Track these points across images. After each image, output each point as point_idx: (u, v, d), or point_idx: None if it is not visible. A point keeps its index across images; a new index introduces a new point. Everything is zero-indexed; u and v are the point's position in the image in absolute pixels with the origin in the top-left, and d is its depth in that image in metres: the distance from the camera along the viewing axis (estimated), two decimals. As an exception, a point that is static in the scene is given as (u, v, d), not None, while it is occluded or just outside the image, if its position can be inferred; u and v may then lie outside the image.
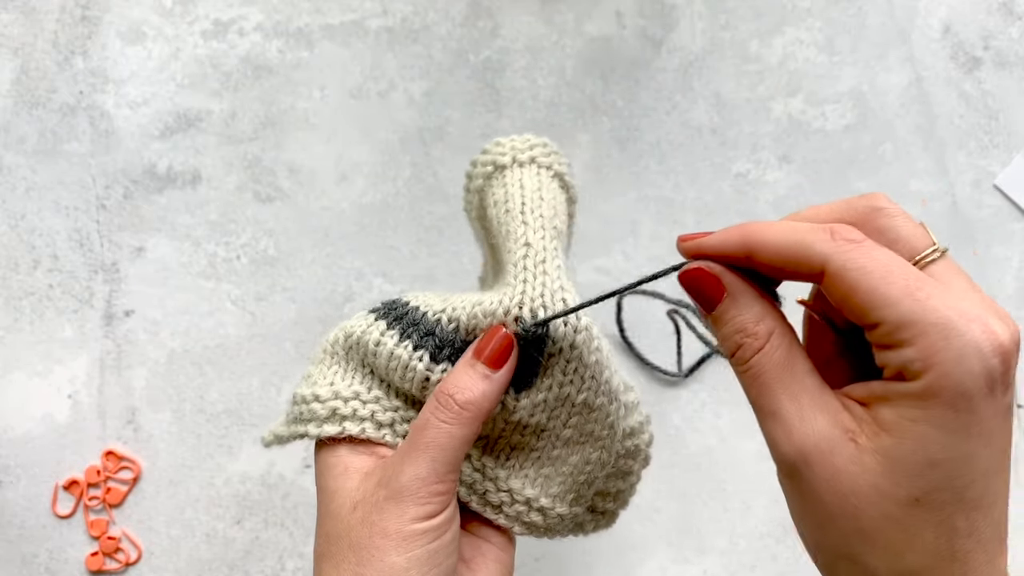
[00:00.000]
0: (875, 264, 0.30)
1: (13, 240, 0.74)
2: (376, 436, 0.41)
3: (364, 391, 0.42)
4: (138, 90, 0.76)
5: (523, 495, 0.42)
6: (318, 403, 0.41)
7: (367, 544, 0.36)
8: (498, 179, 0.45)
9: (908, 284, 0.30)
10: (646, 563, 0.72)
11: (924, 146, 0.77)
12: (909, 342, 0.29)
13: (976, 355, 0.29)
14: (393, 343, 0.41)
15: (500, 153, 0.46)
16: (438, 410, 0.38)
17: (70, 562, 0.72)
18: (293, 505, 0.72)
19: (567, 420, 0.41)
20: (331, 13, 0.78)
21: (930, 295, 0.29)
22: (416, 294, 0.43)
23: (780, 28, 0.78)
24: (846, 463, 0.30)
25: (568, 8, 0.78)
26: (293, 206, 0.75)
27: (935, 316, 0.29)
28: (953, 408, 0.29)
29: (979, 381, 0.29)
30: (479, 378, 0.38)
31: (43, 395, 0.73)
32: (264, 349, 0.74)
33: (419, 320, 0.41)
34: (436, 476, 0.36)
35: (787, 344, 0.33)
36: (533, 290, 0.39)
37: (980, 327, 0.29)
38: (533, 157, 0.45)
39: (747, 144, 0.77)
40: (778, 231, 0.33)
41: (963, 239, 0.76)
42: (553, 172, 0.46)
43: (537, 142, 0.46)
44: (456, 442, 0.37)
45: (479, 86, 0.77)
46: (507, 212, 0.43)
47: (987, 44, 0.79)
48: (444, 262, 0.75)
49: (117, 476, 0.72)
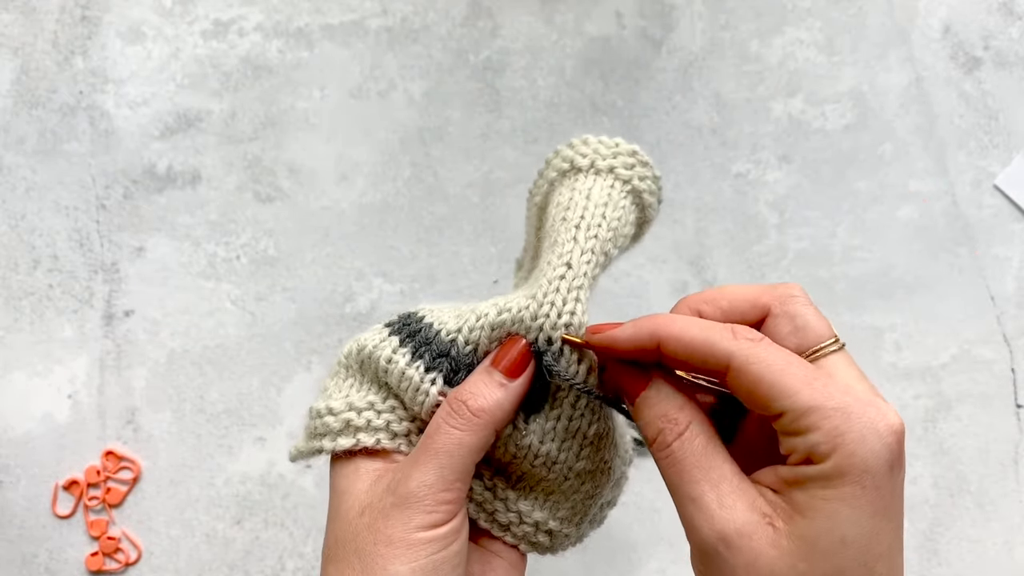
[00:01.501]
0: (774, 358, 0.33)
1: (13, 240, 0.74)
2: (391, 446, 0.39)
3: (379, 401, 0.40)
4: (138, 90, 0.76)
5: (532, 518, 0.41)
6: (331, 416, 0.40)
7: (371, 551, 0.35)
8: (569, 180, 0.42)
9: (806, 375, 0.33)
10: (646, 563, 0.72)
11: (924, 146, 0.77)
12: (814, 426, 0.32)
13: (875, 435, 0.31)
14: (405, 362, 0.39)
15: (581, 154, 0.42)
16: (450, 416, 0.37)
17: (70, 562, 0.72)
18: (293, 505, 0.72)
19: (579, 452, 0.40)
20: (331, 13, 0.78)
21: (826, 384, 0.33)
22: (431, 308, 0.41)
23: (780, 28, 0.78)
24: (765, 547, 0.32)
25: (568, 8, 0.78)
26: (293, 206, 0.75)
27: (834, 402, 0.32)
28: (860, 485, 0.31)
29: (880, 458, 0.31)
30: (495, 386, 0.37)
31: (43, 395, 0.73)
32: (264, 349, 0.74)
33: (432, 339, 0.39)
34: (444, 484, 0.36)
35: (706, 433, 0.35)
36: (558, 317, 0.38)
37: (874, 411, 0.32)
38: (613, 167, 0.42)
39: (747, 144, 0.77)
40: (684, 327, 0.35)
41: (963, 239, 0.76)
42: (630, 187, 0.42)
43: (624, 150, 0.42)
44: (466, 450, 0.36)
45: (479, 86, 0.77)
46: (563, 220, 0.40)
47: (987, 44, 0.79)
48: (444, 262, 0.75)
49: (117, 476, 0.72)
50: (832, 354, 0.35)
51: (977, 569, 0.73)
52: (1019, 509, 0.73)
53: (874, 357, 0.74)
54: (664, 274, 0.75)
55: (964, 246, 0.76)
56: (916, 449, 0.73)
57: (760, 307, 0.36)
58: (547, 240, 0.41)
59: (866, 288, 0.75)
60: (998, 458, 0.74)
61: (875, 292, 0.75)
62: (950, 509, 0.73)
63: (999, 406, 0.74)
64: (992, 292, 0.75)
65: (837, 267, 0.75)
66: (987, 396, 0.74)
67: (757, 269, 0.75)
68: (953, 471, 0.74)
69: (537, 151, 0.76)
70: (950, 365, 0.75)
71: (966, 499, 0.73)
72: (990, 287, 0.75)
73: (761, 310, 0.36)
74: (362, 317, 0.74)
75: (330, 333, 0.74)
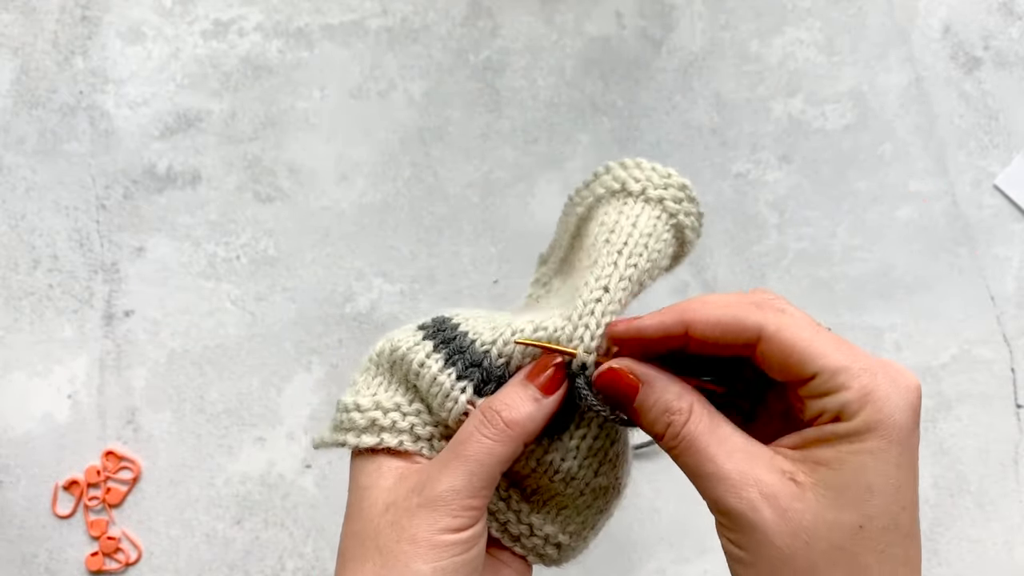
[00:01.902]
0: (803, 325, 0.35)
1: (13, 240, 0.74)
2: (413, 449, 0.40)
3: (405, 403, 0.40)
4: (138, 90, 0.76)
5: (543, 531, 0.42)
6: (358, 412, 0.40)
7: (394, 548, 0.36)
8: (617, 202, 0.43)
9: (833, 340, 0.35)
10: (646, 563, 0.72)
11: (924, 146, 0.77)
12: (845, 385, 0.33)
13: (900, 393, 0.33)
14: (437, 368, 0.40)
15: (635, 178, 0.43)
16: (483, 425, 0.37)
17: (70, 562, 0.72)
18: (293, 505, 0.72)
19: (598, 470, 0.41)
20: (331, 13, 0.78)
21: (851, 348, 0.35)
22: (466, 315, 0.42)
23: (780, 28, 0.78)
24: (791, 501, 0.33)
25: (568, 8, 0.78)
26: (293, 206, 0.75)
27: (861, 363, 0.34)
28: (887, 439, 0.33)
29: (905, 414, 0.33)
30: (529, 399, 0.38)
31: (43, 395, 0.73)
32: (264, 349, 0.74)
33: (466, 348, 0.40)
34: (471, 490, 0.36)
35: (709, 411, 0.36)
36: (591, 340, 0.39)
37: (896, 371, 0.34)
38: (663, 198, 0.43)
39: (747, 144, 0.77)
40: (712, 306, 0.36)
41: (963, 239, 0.76)
42: (675, 221, 0.43)
43: (675, 183, 0.43)
44: (495, 459, 0.37)
45: (479, 86, 0.77)
46: (607, 242, 0.41)
47: (987, 44, 0.79)
48: (444, 262, 0.75)
49: (117, 476, 0.72)
50: None
51: (977, 569, 0.73)
52: (1019, 509, 0.73)
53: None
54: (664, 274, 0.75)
55: (964, 246, 0.76)
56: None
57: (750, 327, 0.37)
58: (586, 257, 0.42)
59: (866, 288, 0.75)
60: (998, 458, 0.74)
61: (875, 292, 0.75)
62: (950, 509, 0.73)
63: (999, 406, 0.74)
64: (992, 292, 0.75)
65: (837, 267, 0.75)
66: (987, 396, 0.74)
67: (757, 269, 0.75)
68: (953, 471, 0.74)
69: (537, 151, 0.76)
70: (950, 365, 0.75)
71: (966, 499, 0.73)
72: (990, 287, 0.75)
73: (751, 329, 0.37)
74: (362, 317, 0.74)
75: (330, 333, 0.74)
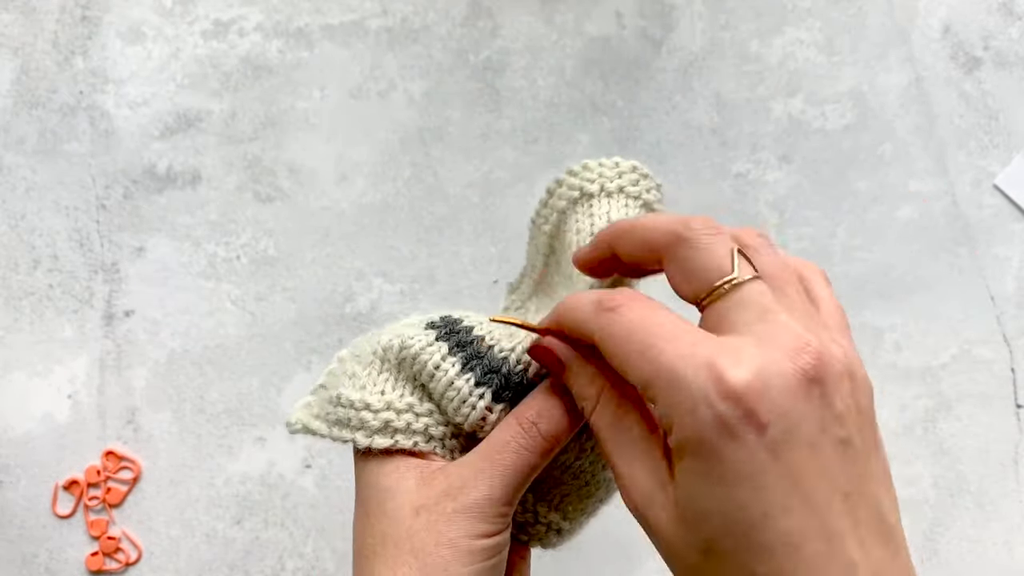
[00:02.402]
0: (620, 329, 0.32)
1: (13, 240, 0.74)
2: (427, 449, 0.39)
3: (417, 403, 0.40)
4: (138, 90, 0.76)
5: (547, 519, 0.43)
6: (369, 412, 0.40)
7: (432, 552, 0.36)
8: (584, 207, 0.43)
9: (644, 341, 0.30)
10: (646, 563, 0.72)
11: (924, 146, 0.77)
12: (653, 400, 0.30)
13: (706, 403, 0.28)
14: (454, 372, 0.39)
15: (588, 180, 0.43)
16: (520, 435, 0.37)
17: (70, 562, 0.72)
18: (293, 505, 0.72)
19: (605, 465, 0.42)
20: (331, 13, 0.78)
21: (663, 350, 0.30)
22: (479, 319, 0.42)
23: (780, 28, 0.78)
24: (658, 512, 0.32)
25: (568, 8, 0.78)
26: (293, 206, 0.75)
27: (666, 371, 0.29)
28: (699, 457, 0.29)
29: (711, 428, 0.28)
30: (563, 411, 0.37)
31: (43, 395, 0.73)
32: (264, 349, 0.74)
33: (484, 353, 0.39)
34: (506, 498, 0.37)
35: (616, 400, 0.34)
36: None
37: (706, 373, 0.29)
38: (622, 186, 0.43)
39: (747, 144, 0.77)
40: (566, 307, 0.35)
41: (963, 239, 0.76)
42: (641, 201, 0.44)
43: (625, 167, 0.44)
44: (529, 470, 0.37)
45: (479, 86, 0.77)
46: None
47: (987, 44, 0.79)
48: (444, 262, 0.75)
49: (117, 476, 0.72)
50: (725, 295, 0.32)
51: (977, 569, 0.73)
52: (1019, 509, 0.73)
53: (874, 357, 0.74)
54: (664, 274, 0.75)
55: (964, 246, 0.76)
56: (916, 449, 0.73)
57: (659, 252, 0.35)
58: (570, 266, 0.41)
59: (866, 288, 0.75)
60: (998, 458, 0.74)
61: (875, 292, 0.75)
62: (950, 509, 0.73)
63: (999, 406, 0.74)
64: (992, 292, 0.75)
65: (837, 267, 0.75)
66: (987, 396, 0.74)
67: (757, 269, 0.75)
68: (953, 471, 0.74)
69: (537, 151, 0.76)
70: (950, 365, 0.75)
71: (966, 499, 0.73)
72: (990, 287, 0.76)
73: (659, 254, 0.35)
74: (362, 317, 0.74)
75: (330, 333, 0.74)
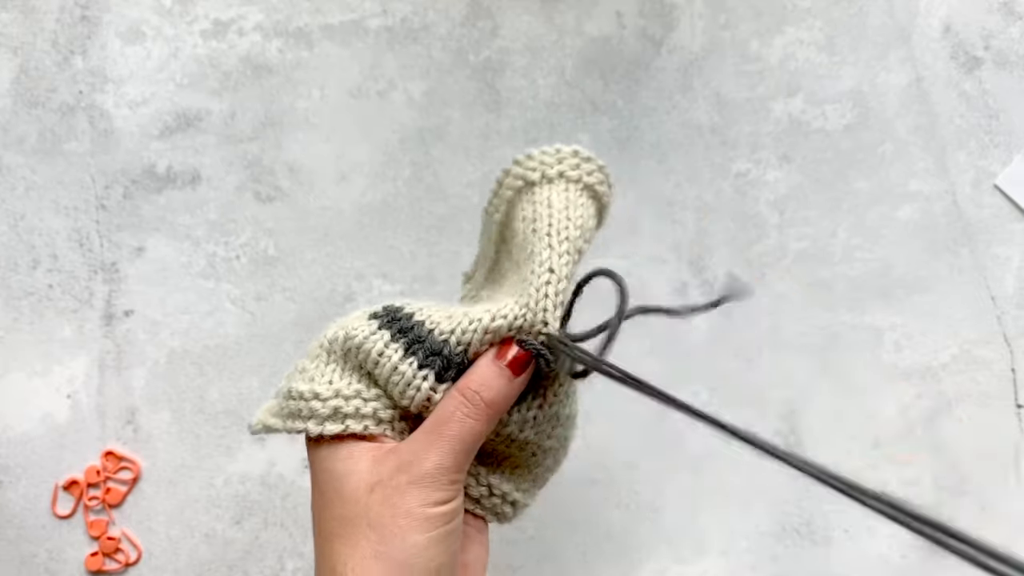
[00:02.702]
0: None
1: (13, 240, 0.74)
2: (377, 432, 0.42)
3: (364, 389, 0.42)
4: (138, 90, 0.76)
5: (500, 490, 0.45)
6: (318, 401, 0.42)
7: (389, 524, 0.38)
8: (527, 195, 0.45)
9: None
10: (646, 563, 0.72)
11: (924, 146, 0.77)
12: None
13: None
14: (397, 357, 0.41)
15: (530, 168, 0.46)
16: (464, 405, 0.40)
17: (70, 562, 0.71)
18: (293, 505, 0.72)
19: (551, 432, 0.44)
20: (331, 13, 0.78)
21: None
22: (419, 306, 0.44)
23: (780, 28, 0.78)
24: None
25: (568, 8, 0.78)
26: (293, 206, 0.75)
27: None
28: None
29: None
30: (504, 379, 0.41)
31: (43, 395, 0.73)
32: (264, 349, 0.73)
33: (425, 337, 0.42)
34: (456, 466, 0.39)
35: None
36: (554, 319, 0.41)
37: None
38: (561, 172, 0.45)
39: (747, 144, 0.77)
40: None
41: (963, 239, 0.76)
42: (582, 184, 0.46)
43: (566, 153, 0.46)
44: (476, 437, 0.40)
45: (479, 86, 0.77)
46: (534, 232, 0.43)
47: (987, 44, 0.79)
48: (444, 262, 0.75)
49: (117, 476, 0.72)
50: None
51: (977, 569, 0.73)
52: (1019, 509, 0.73)
53: (874, 357, 0.74)
54: (664, 274, 0.75)
55: (964, 246, 0.76)
56: (916, 449, 0.73)
57: None
58: (522, 253, 0.44)
59: (866, 288, 0.75)
60: (998, 458, 0.74)
61: (875, 292, 0.75)
62: (950, 509, 0.73)
63: (999, 406, 0.74)
64: (992, 292, 0.75)
65: (837, 267, 0.75)
66: (987, 396, 0.74)
67: (757, 269, 0.75)
68: (953, 471, 0.74)
69: (537, 151, 0.76)
70: (950, 365, 0.75)
71: (966, 499, 0.73)
72: (990, 287, 0.75)
73: None
74: (362, 317, 0.74)
75: (330, 333, 0.74)
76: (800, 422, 0.73)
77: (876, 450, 0.73)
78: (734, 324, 0.74)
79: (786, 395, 0.74)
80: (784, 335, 0.74)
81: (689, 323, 0.74)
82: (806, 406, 0.74)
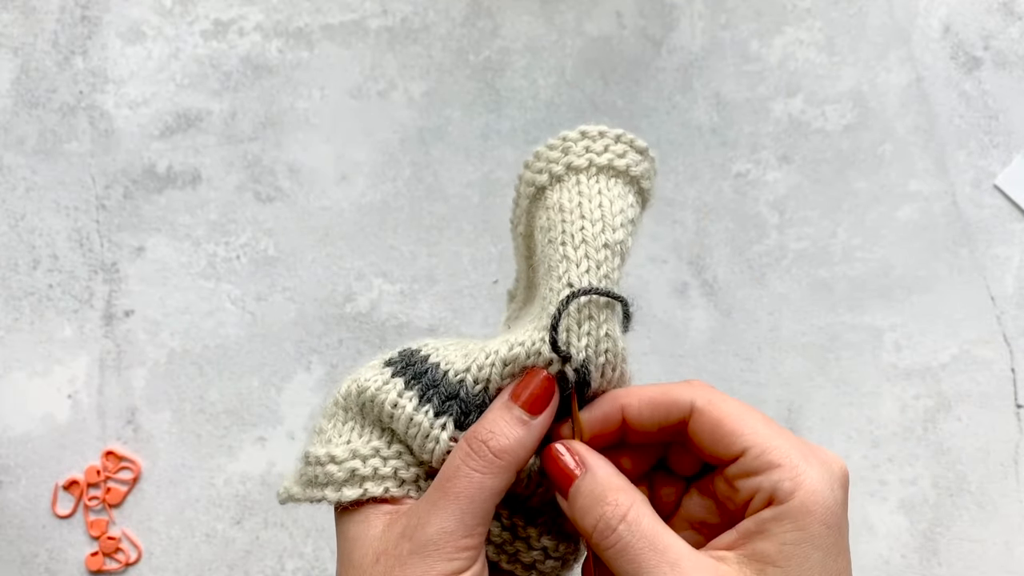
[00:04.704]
0: (734, 401, 0.35)
1: (13, 240, 0.74)
2: (399, 493, 0.37)
3: (384, 446, 0.38)
4: (138, 90, 0.76)
5: (558, 552, 0.39)
6: (334, 464, 0.37)
7: None
8: (540, 201, 0.40)
9: (763, 417, 0.35)
10: (646, 563, 0.72)
11: (924, 146, 0.77)
12: (776, 463, 0.33)
13: (831, 474, 0.33)
14: (412, 407, 0.37)
15: (538, 171, 0.40)
16: (469, 457, 0.35)
17: (70, 562, 0.72)
18: (293, 505, 0.72)
19: None
20: (331, 13, 0.78)
21: (781, 428, 0.34)
22: (436, 345, 0.39)
23: (780, 28, 0.78)
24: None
25: (568, 8, 0.78)
26: (293, 206, 0.75)
27: (791, 441, 0.33)
28: (825, 524, 0.32)
29: (839, 496, 0.32)
30: (516, 423, 0.35)
31: (43, 395, 0.73)
32: (264, 349, 0.74)
33: (439, 380, 0.37)
34: (465, 530, 0.34)
35: (651, 513, 0.34)
36: (579, 340, 0.36)
37: (824, 453, 0.34)
38: (569, 164, 0.39)
39: (747, 144, 0.77)
40: (643, 388, 0.36)
41: (963, 239, 0.76)
42: (595, 169, 0.39)
43: (572, 139, 0.40)
44: (487, 493, 0.34)
45: (479, 86, 0.77)
46: (549, 243, 0.38)
47: (987, 44, 0.79)
48: (444, 262, 0.75)
49: (117, 476, 0.72)
50: None
51: (977, 569, 0.73)
52: (1019, 509, 0.73)
53: (874, 357, 0.74)
54: (664, 274, 0.75)
55: (964, 246, 0.76)
56: (916, 449, 0.73)
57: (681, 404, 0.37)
58: (542, 267, 0.39)
59: (866, 288, 0.75)
60: (998, 458, 0.74)
61: (875, 292, 0.75)
62: (950, 509, 0.73)
63: (999, 406, 0.74)
64: (992, 292, 0.75)
65: (837, 267, 0.75)
66: (987, 396, 0.74)
67: (757, 269, 0.75)
68: (953, 471, 0.74)
69: (537, 151, 0.76)
70: (950, 365, 0.75)
71: (966, 499, 0.73)
72: (990, 287, 0.75)
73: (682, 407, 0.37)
74: (362, 317, 0.74)
75: (330, 333, 0.74)
76: (800, 422, 0.73)
77: (876, 450, 0.73)
78: (734, 324, 0.74)
79: (786, 395, 0.74)
80: (784, 335, 0.75)
81: (689, 323, 0.74)
82: (806, 406, 0.74)
